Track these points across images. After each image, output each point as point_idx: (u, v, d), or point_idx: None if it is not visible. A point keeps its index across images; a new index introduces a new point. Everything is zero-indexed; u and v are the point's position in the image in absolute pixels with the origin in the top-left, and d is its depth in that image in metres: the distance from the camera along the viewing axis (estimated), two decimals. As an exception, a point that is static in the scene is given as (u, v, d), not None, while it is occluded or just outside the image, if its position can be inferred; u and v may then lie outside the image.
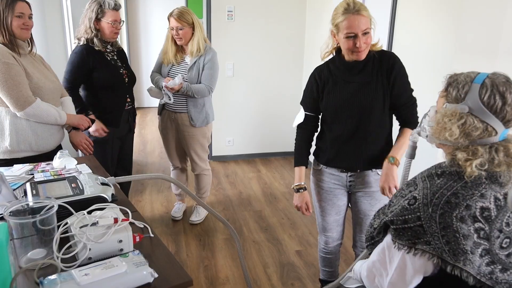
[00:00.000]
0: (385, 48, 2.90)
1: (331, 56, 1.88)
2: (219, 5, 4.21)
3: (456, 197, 0.99)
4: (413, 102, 1.84)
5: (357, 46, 1.66)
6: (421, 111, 1.23)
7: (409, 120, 1.82)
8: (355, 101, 1.78)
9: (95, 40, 2.53)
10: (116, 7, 2.54)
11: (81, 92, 2.66)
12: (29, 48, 2.09)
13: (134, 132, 2.97)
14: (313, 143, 2.02)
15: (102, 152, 2.65)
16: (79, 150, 2.44)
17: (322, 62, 1.91)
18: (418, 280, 1.05)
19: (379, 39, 1.82)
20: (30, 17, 2.02)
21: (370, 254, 1.20)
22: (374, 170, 1.88)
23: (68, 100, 2.31)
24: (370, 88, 1.77)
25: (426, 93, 2.47)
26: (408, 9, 2.70)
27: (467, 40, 2.21)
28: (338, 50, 1.83)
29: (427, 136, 1.17)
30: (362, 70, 1.78)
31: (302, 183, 1.92)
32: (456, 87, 1.06)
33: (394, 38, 2.86)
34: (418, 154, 1.34)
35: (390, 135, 1.89)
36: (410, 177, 1.23)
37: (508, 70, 1.08)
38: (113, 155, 2.78)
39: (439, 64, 2.44)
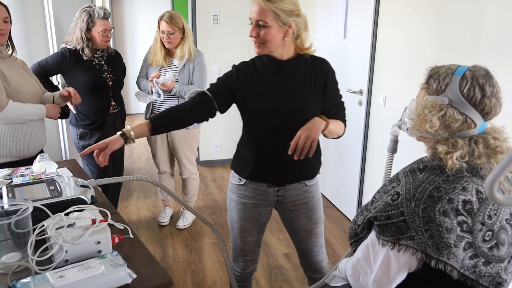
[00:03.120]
0: (369, 44, 2.92)
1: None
2: (204, 10, 4.21)
3: (438, 191, 0.99)
4: (343, 108, 1.72)
5: (250, 35, 1.51)
6: (402, 107, 1.23)
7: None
8: (287, 106, 1.57)
9: (85, 50, 2.55)
10: (106, 16, 2.55)
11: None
12: (9, 52, 2.05)
13: None
14: (232, 155, 1.79)
15: (93, 158, 2.60)
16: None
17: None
18: (402, 276, 1.04)
19: (311, 43, 1.63)
20: (6, 21, 1.98)
21: (354, 251, 1.19)
22: (303, 181, 1.71)
23: (47, 94, 2.28)
24: (303, 93, 1.58)
25: (409, 89, 2.49)
26: (391, 5, 2.73)
27: (449, 37, 2.24)
28: None
29: (407, 129, 1.16)
30: (293, 72, 1.59)
31: (129, 127, 1.54)
32: (437, 79, 1.06)
33: (378, 35, 2.87)
34: (400, 150, 1.34)
35: (318, 143, 1.68)
36: (393, 173, 1.23)
37: (489, 67, 1.09)
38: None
39: (422, 60, 2.46)
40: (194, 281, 2.53)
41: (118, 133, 1.52)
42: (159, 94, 2.79)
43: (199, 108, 1.63)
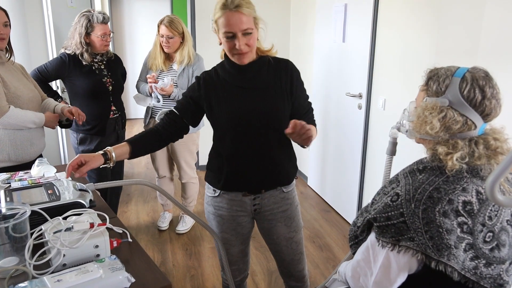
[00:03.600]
0: (368, 48, 2.93)
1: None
2: (203, 14, 4.22)
3: (438, 192, 0.98)
4: (312, 109, 1.69)
5: (237, 47, 1.45)
6: (402, 108, 1.23)
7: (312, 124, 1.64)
8: (255, 109, 1.54)
9: (85, 54, 2.54)
10: (105, 20, 2.55)
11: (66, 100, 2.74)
12: (7, 57, 2.06)
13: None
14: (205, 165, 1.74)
15: None
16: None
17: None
18: (402, 278, 1.03)
19: (273, 44, 1.63)
20: (6, 25, 1.98)
21: (354, 254, 1.18)
22: (279, 188, 1.66)
23: (50, 100, 2.28)
24: (270, 94, 1.55)
25: (409, 92, 2.49)
26: (390, 8, 2.73)
27: (448, 40, 2.24)
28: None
29: (407, 131, 1.16)
30: (257, 75, 1.56)
31: (110, 148, 1.50)
32: (436, 80, 1.06)
33: (377, 38, 2.88)
34: (399, 152, 1.33)
35: (292, 146, 1.67)
36: (392, 174, 1.22)
37: (488, 69, 1.08)
38: None
39: (421, 64, 2.46)
40: (193, 286, 2.51)
41: (100, 152, 1.49)
42: (159, 100, 2.80)
43: (170, 128, 1.63)
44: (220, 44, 1.53)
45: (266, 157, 1.59)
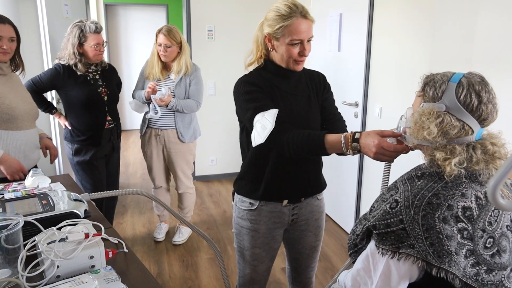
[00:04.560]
0: (363, 57, 2.94)
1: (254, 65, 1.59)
2: (199, 25, 4.24)
3: (437, 198, 0.97)
4: (343, 119, 1.68)
5: (304, 55, 1.45)
6: (399, 116, 1.23)
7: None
8: (300, 115, 1.53)
9: (78, 65, 2.53)
10: (97, 30, 2.54)
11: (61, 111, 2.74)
12: (11, 68, 2.06)
13: (119, 151, 2.93)
14: (228, 169, 1.69)
15: (90, 174, 2.68)
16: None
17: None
18: (404, 287, 1.02)
19: None
20: (12, 40, 1.98)
21: (353, 262, 1.16)
22: (315, 195, 1.69)
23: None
24: (312, 103, 1.57)
25: (405, 100, 2.50)
26: (385, 17, 2.75)
27: (442, 48, 2.25)
28: (268, 57, 1.56)
29: (404, 138, 1.16)
30: (299, 82, 1.57)
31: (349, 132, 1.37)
32: (433, 86, 1.06)
33: (372, 47, 2.89)
34: (397, 159, 1.32)
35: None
36: (391, 181, 1.21)
37: (483, 75, 1.08)
38: (101, 175, 2.74)
39: (417, 72, 2.47)
40: (190, 297, 2.48)
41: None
42: (157, 111, 2.78)
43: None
44: (272, 50, 1.49)
45: (309, 164, 1.59)
